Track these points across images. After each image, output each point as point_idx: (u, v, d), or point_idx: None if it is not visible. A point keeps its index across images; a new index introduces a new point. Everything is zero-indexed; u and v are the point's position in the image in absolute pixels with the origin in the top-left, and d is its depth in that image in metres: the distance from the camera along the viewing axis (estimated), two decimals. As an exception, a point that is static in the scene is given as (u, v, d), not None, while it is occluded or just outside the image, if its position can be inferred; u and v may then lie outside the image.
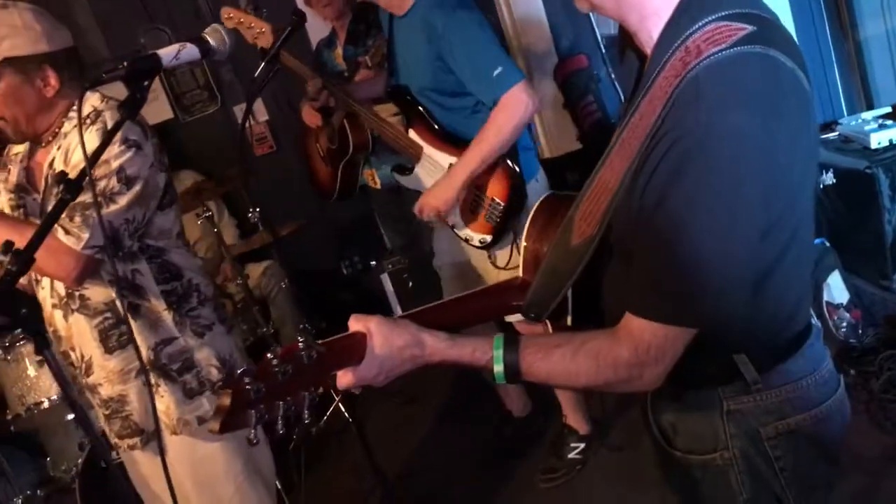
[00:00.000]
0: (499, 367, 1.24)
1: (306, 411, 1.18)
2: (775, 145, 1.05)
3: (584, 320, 1.33)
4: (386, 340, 1.25)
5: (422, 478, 3.33)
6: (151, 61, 1.48)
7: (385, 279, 4.26)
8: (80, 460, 3.30)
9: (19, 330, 3.39)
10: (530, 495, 3.03)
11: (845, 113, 3.71)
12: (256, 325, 3.68)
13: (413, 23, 2.59)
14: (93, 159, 1.51)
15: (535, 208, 1.54)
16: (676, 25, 1.14)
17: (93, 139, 1.88)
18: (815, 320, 1.35)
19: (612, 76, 4.12)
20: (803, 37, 3.65)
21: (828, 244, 3.20)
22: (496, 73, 2.45)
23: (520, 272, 1.51)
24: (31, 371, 3.38)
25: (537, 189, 2.67)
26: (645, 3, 1.19)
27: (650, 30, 1.19)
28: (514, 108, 2.47)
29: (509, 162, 2.59)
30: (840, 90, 3.77)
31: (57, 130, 1.97)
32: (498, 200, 2.62)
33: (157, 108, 4.50)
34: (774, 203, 1.08)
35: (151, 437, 2.07)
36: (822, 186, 3.26)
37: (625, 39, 1.29)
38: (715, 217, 1.05)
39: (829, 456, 1.32)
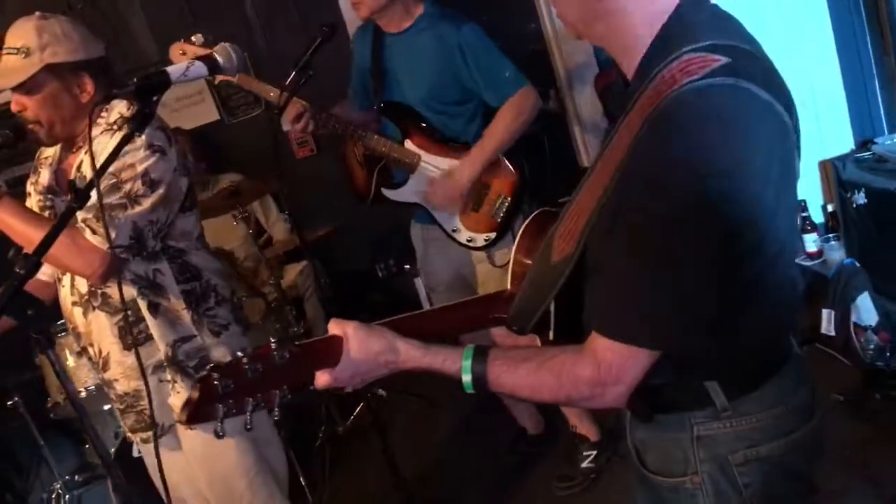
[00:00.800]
0: (467, 377, 1.28)
1: (276, 409, 1.25)
2: (737, 176, 1.07)
3: (567, 335, 1.34)
4: (362, 345, 1.30)
5: (440, 481, 3.38)
6: (161, 77, 1.55)
7: (418, 283, 4.32)
8: (112, 449, 3.42)
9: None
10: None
11: (886, 131, 3.65)
12: (289, 324, 3.77)
13: (416, 38, 2.75)
14: (101, 169, 1.59)
15: (527, 222, 1.58)
16: (655, 55, 1.17)
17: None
18: (797, 348, 1.37)
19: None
20: (844, 53, 3.60)
21: (857, 265, 3.16)
22: (507, 74, 2.72)
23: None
24: (70, 361, 3.51)
25: None
26: (625, 32, 1.22)
27: (631, 58, 1.22)
28: (524, 104, 2.72)
29: (515, 159, 2.79)
30: (881, 107, 3.70)
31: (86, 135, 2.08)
32: (504, 196, 2.79)
33: (204, 110, 4.64)
34: (736, 234, 1.09)
35: (165, 431, 2.16)
36: (854, 206, 3.22)
37: (616, 65, 1.32)
38: (670, 245, 1.08)
39: (799, 484, 1.32)
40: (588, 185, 1.24)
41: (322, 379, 1.30)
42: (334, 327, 1.33)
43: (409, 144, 2.83)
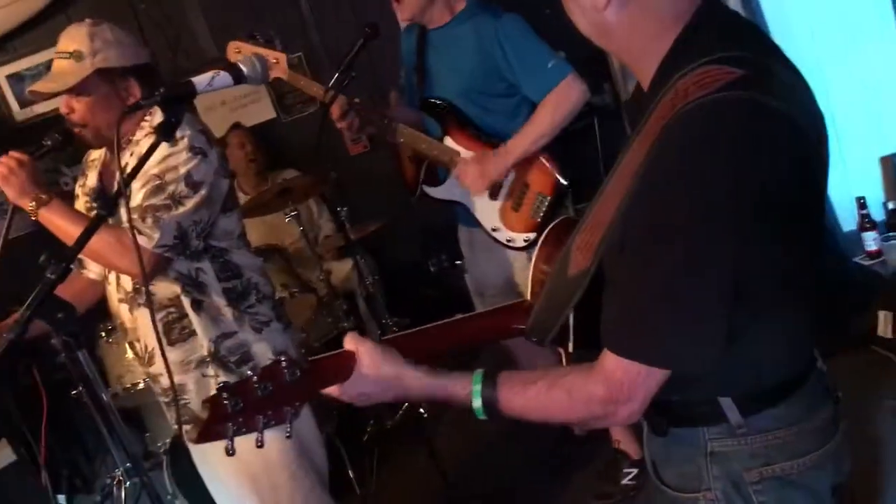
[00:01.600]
0: (477, 403, 1.27)
1: (288, 425, 1.27)
2: (748, 191, 1.05)
3: (587, 347, 1.32)
4: (372, 368, 1.32)
5: (482, 480, 3.39)
6: (186, 88, 1.60)
7: (469, 278, 4.33)
8: (167, 439, 3.53)
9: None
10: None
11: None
12: (339, 319, 3.83)
13: (458, 31, 2.73)
14: (130, 177, 1.65)
15: (548, 230, 1.57)
16: (670, 66, 1.16)
17: (161, 148, 2.03)
18: (820, 364, 1.34)
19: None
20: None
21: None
22: (550, 65, 2.64)
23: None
24: (130, 354, 3.63)
25: None
26: (634, 46, 1.21)
27: (646, 69, 1.21)
28: (567, 93, 2.65)
29: (554, 156, 2.73)
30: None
31: (130, 138, 2.15)
32: (544, 194, 2.74)
33: (261, 109, 4.74)
34: (747, 248, 1.08)
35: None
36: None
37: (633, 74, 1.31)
38: (678, 262, 1.07)
39: (819, 502, 1.28)
40: (604, 197, 1.23)
41: (330, 391, 1.33)
42: (350, 343, 1.35)
43: (448, 141, 2.82)
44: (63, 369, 1.74)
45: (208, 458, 2.37)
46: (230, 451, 1.23)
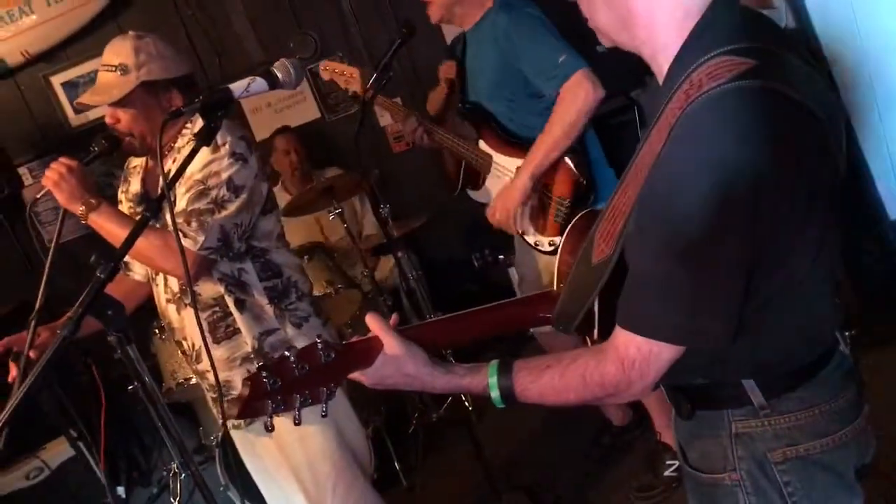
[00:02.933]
0: (495, 394, 1.33)
1: (324, 404, 1.34)
2: (764, 177, 1.07)
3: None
4: (394, 363, 1.38)
5: (525, 472, 3.44)
6: (224, 94, 1.67)
7: (512, 273, 4.36)
8: (219, 433, 3.64)
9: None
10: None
11: None
12: (383, 314, 3.88)
13: (483, 31, 2.72)
14: (172, 181, 1.73)
15: (573, 222, 1.61)
16: (685, 58, 1.19)
17: (204, 154, 2.13)
18: (843, 347, 1.35)
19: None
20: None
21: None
22: (560, 59, 2.50)
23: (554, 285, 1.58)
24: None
25: None
26: (654, 36, 1.24)
27: (661, 62, 1.25)
28: (577, 93, 2.49)
29: (574, 159, 2.64)
30: None
31: (172, 145, 2.24)
32: (564, 198, 2.68)
33: (306, 109, 4.82)
34: (761, 234, 1.10)
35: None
36: None
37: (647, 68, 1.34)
38: (690, 242, 1.10)
39: (844, 483, 1.31)
40: (624, 187, 1.26)
41: (355, 376, 1.40)
42: (375, 327, 1.41)
43: (482, 145, 2.83)
44: (120, 365, 1.81)
45: (256, 450, 2.45)
46: (269, 428, 1.31)
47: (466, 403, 3.73)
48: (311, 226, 4.36)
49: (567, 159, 2.65)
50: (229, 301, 2.23)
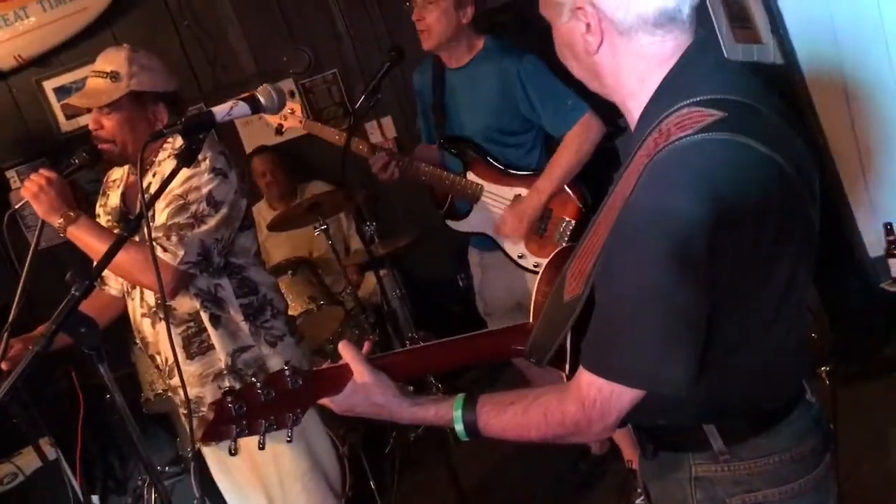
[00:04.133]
0: (459, 427, 1.34)
1: (289, 430, 1.35)
2: (722, 230, 1.08)
3: None
4: (363, 390, 1.40)
5: (500, 495, 3.44)
6: (206, 117, 1.68)
7: (479, 299, 4.36)
8: (197, 445, 3.62)
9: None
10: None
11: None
12: (365, 332, 3.89)
13: (479, 71, 2.83)
14: (152, 201, 1.74)
15: (551, 257, 1.62)
16: (656, 106, 1.21)
17: (184, 170, 2.14)
18: (809, 396, 1.36)
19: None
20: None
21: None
22: (570, 102, 2.75)
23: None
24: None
25: None
26: (622, 87, 1.26)
27: (632, 109, 1.27)
28: (588, 130, 2.77)
29: (576, 183, 2.84)
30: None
31: (153, 159, 2.25)
32: (568, 219, 2.84)
33: (294, 124, 4.81)
34: (719, 283, 1.11)
35: (222, 435, 2.30)
36: None
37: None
38: (650, 287, 1.11)
39: None
40: (596, 227, 1.28)
41: (325, 402, 1.42)
42: (346, 355, 1.42)
43: (471, 175, 2.92)
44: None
45: (227, 467, 2.45)
46: (233, 451, 1.33)
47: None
48: (296, 240, 4.37)
49: (572, 184, 2.86)
50: (205, 317, 2.24)
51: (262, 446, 1.34)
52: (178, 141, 2.23)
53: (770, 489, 1.27)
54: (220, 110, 1.70)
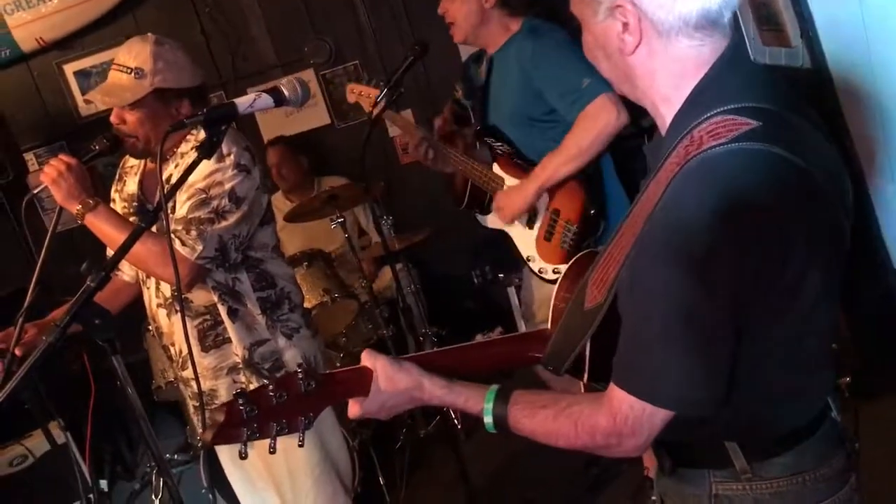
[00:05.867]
0: (488, 419, 1.32)
1: (301, 433, 1.32)
2: (755, 240, 1.06)
3: (601, 379, 1.34)
4: (389, 381, 1.37)
5: (510, 495, 3.41)
6: (228, 109, 1.66)
7: (511, 293, 4.33)
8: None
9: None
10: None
11: None
12: (378, 326, 3.87)
13: (507, 55, 2.71)
14: (172, 191, 1.72)
15: (571, 262, 1.59)
16: (687, 113, 1.18)
17: (207, 163, 2.11)
18: (835, 414, 1.33)
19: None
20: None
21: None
22: (584, 84, 2.46)
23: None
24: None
25: None
26: (654, 92, 1.23)
27: (663, 115, 1.24)
28: (597, 116, 2.46)
29: (585, 183, 2.62)
30: None
31: (175, 150, 2.22)
32: (570, 223, 2.66)
33: (316, 113, 4.81)
34: (747, 298, 1.09)
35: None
36: None
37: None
38: (679, 304, 1.09)
39: None
40: (621, 235, 1.25)
41: (353, 408, 1.39)
42: (366, 359, 1.40)
43: (495, 168, 2.82)
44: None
45: (238, 459, 2.42)
46: (243, 455, 1.30)
47: (456, 421, 3.72)
48: (311, 232, 4.35)
49: (579, 185, 2.63)
50: (222, 310, 2.22)
51: (272, 450, 1.31)
52: (202, 133, 2.20)
53: None
54: (242, 102, 1.68)
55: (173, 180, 2.17)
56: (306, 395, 1.30)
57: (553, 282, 2.72)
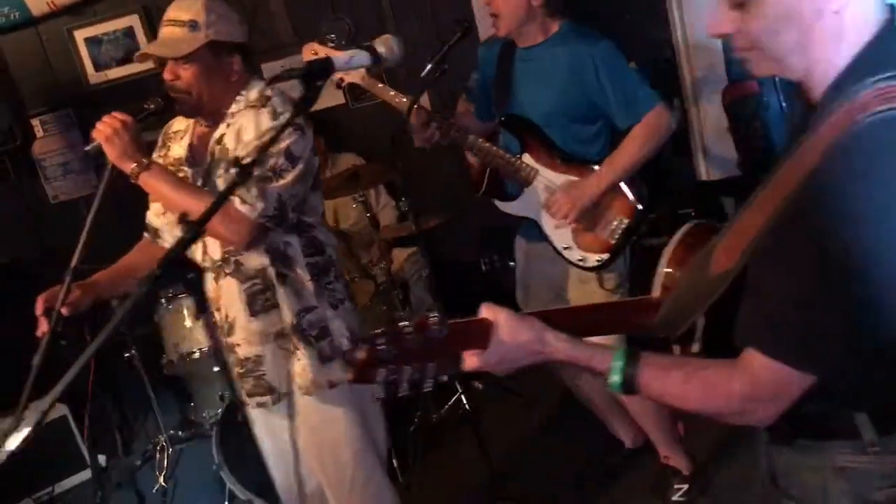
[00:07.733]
0: (616, 378, 1.29)
1: (428, 380, 1.28)
2: None
3: (714, 351, 1.31)
4: (512, 333, 1.32)
5: (523, 481, 3.37)
6: (325, 64, 1.62)
7: (519, 289, 4.32)
8: (219, 410, 3.56)
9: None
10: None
11: None
12: (395, 307, 3.84)
13: (552, 53, 2.75)
14: (266, 143, 1.68)
15: (681, 233, 1.56)
16: (849, 78, 1.16)
17: (264, 121, 2.10)
18: None
19: (783, 105, 3.99)
20: None
21: None
22: (641, 94, 2.69)
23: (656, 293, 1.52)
24: (188, 322, 3.68)
25: None
26: (830, 52, 1.19)
27: (818, 79, 1.21)
28: (658, 124, 2.69)
29: (637, 182, 2.77)
30: None
31: (224, 111, 2.18)
32: (623, 218, 2.76)
33: (331, 93, 4.74)
34: None
35: (282, 396, 2.25)
36: None
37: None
38: (841, 274, 1.07)
39: None
40: (757, 204, 1.24)
41: (471, 361, 1.34)
42: (486, 311, 1.36)
43: (527, 158, 2.84)
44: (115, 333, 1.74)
45: (275, 431, 2.38)
46: (378, 398, 1.24)
47: (467, 406, 3.70)
48: (332, 211, 4.29)
49: (632, 183, 2.78)
50: (272, 273, 2.18)
51: (379, 397, 1.26)
52: (253, 93, 2.18)
53: None
54: (340, 58, 1.65)
55: (227, 140, 2.15)
56: (438, 341, 1.25)
57: (593, 269, 2.79)
